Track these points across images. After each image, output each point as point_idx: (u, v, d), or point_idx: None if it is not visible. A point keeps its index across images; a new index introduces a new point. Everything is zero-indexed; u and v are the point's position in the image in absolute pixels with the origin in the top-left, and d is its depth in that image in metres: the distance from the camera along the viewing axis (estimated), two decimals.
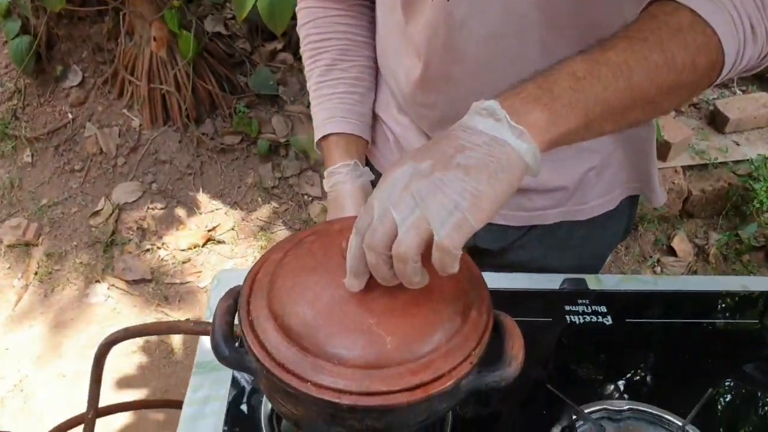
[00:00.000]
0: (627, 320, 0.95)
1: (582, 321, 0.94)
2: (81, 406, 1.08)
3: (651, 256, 2.29)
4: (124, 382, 1.97)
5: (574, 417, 0.80)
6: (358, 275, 0.59)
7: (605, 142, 0.94)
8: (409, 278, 0.55)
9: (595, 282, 1.03)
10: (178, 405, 0.91)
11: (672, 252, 2.31)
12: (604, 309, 0.96)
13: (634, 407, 0.82)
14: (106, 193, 2.46)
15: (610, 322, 0.94)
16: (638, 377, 0.89)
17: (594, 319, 0.94)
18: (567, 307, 0.95)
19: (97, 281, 2.26)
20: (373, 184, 1.09)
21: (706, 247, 2.31)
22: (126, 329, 1.00)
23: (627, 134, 0.94)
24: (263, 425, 0.81)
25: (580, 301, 0.97)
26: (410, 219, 0.52)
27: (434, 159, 0.54)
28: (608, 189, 0.99)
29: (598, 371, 0.89)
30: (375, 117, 1.03)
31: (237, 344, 0.68)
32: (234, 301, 0.71)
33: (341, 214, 0.92)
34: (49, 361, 2.01)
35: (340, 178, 0.93)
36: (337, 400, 0.61)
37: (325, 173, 0.95)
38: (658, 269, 2.22)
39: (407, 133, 0.97)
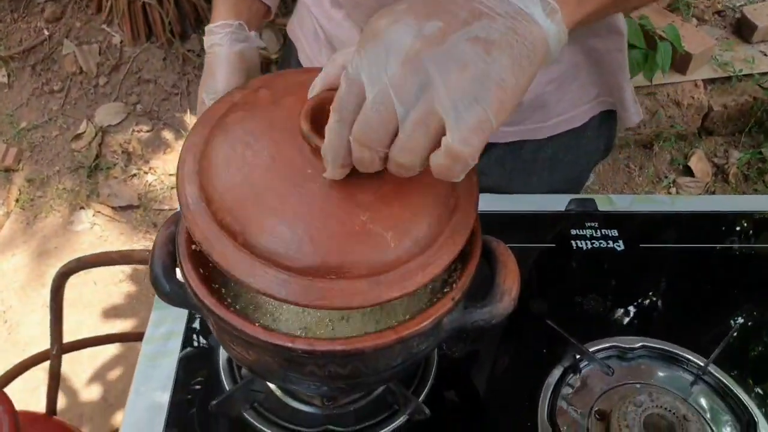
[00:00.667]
0: (640, 245, 0.84)
1: (590, 247, 0.83)
2: (66, 337, 1.00)
3: (666, 177, 2.17)
4: (111, 312, 1.90)
5: (577, 356, 0.70)
6: (344, 166, 0.45)
7: (565, 52, 0.78)
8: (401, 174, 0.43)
9: (606, 202, 0.91)
10: None
11: (689, 172, 2.18)
12: (615, 233, 0.84)
13: (648, 344, 0.72)
14: (88, 115, 2.33)
15: (622, 247, 0.83)
16: (652, 310, 0.78)
17: (603, 244, 0.83)
18: (573, 231, 0.84)
19: (82, 208, 2.16)
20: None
21: (726, 166, 2.17)
22: (78, 259, 0.90)
23: (593, 44, 0.79)
24: (221, 367, 0.71)
25: (588, 224, 0.85)
26: (417, 111, 0.39)
27: (443, 20, 0.39)
28: (573, 104, 0.85)
29: (607, 304, 0.78)
30: (305, 7, 0.89)
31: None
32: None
33: (213, 84, 0.79)
34: (33, 290, 1.94)
35: (217, 40, 0.79)
36: (290, 345, 0.51)
37: (206, 30, 0.82)
38: (674, 190, 2.10)
39: (340, 31, 0.83)
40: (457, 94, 0.38)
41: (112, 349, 1.74)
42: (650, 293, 0.79)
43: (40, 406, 1.12)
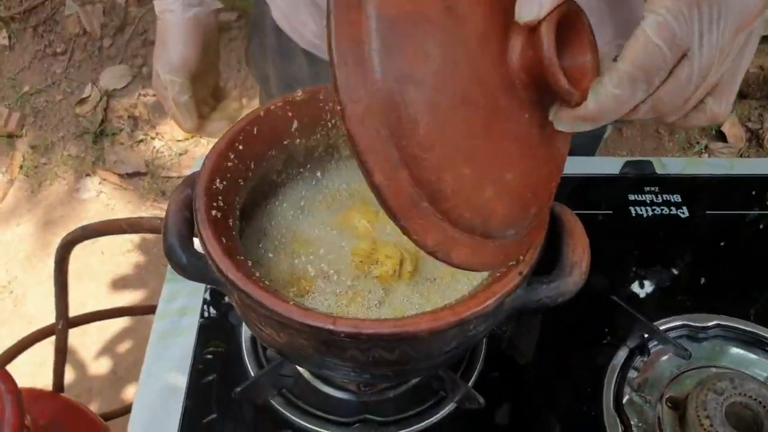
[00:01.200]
0: (707, 212, 0.75)
1: (651, 213, 0.74)
2: (73, 310, 0.93)
3: (698, 143, 2.06)
4: (120, 283, 1.83)
5: (645, 335, 0.61)
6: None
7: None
8: None
9: (657, 166, 0.82)
10: None
11: (721, 137, 2.07)
12: (677, 198, 0.76)
13: (723, 323, 0.63)
14: (92, 78, 2.24)
15: (686, 214, 0.74)
16: (726, 285, 0.70)
17: (666, 210, 0.74)
18: (631, 197, 0.75)
19: (88, 175, 2.08)
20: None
21: (760, 131, 2.07)
22: (83, 228, 0.82)
23: None
24: (244, 348, 0.63)
25: (647, 189, 0.76)
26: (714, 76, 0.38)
27: None
28: None
29: (674, 277, 0.69)
30: None
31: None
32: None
33: (166, 56, 0.71)
34: (39, 260, 1.87)
35: (168, 4, 0.70)
36: (331, 327, 0.43)
37: None
38: (706, 156, 2.00)
39: None
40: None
41: (121, 321, 1.67)
42: (723, 265, 0.71)
43: (47, 380, 1.05)
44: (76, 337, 1.67)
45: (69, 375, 1.63)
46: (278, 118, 0.56)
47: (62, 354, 1.01)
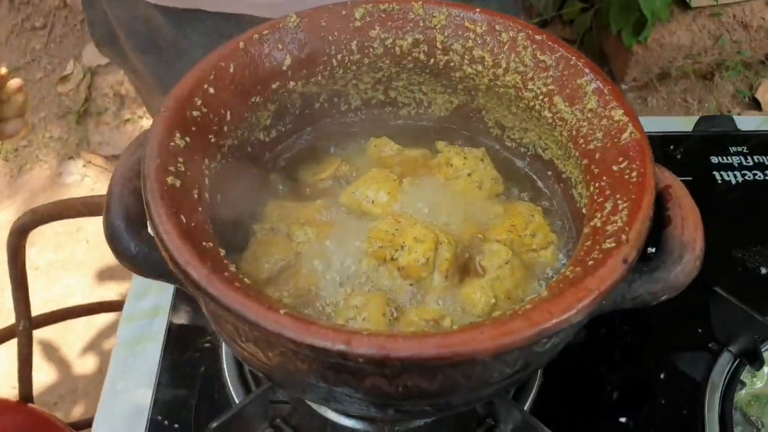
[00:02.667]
0: None
1: (741, 179, 0.59)
2: (56, 303, 0.79)
3: (729, 111, 1.90)
4: (106, 274, 1.69)
5: (756, 337, 0.46)
6: None
7: None
8: None
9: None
10: None
11: (755, 105, 1.91)
12: None
13: None
14: (74, 54, 2.09)
15: None
16: None
17: (759, 175, 0.59)
18: (714, 159, 0.60)
19: (71, 158, 1.95)
20: None
21: None
22: (33, 211, 0.68)
23: None
24: (224, 360, 0.48)
25: (732, 149, 0.61)
26: None
27: None
28: None
29: None
30: None
31: None
32: None
33: None
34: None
35: None
36: (342, 348, 0.28)
37: None
38: None
39: None
40: None
41: (110, 314, 1.54)
42: None
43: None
44: (60, 333, 1.53)
45: (52, 374, 1.50)
46: (263, 52, 0.41)
47: (26, 359, 0.87)
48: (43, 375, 1.49)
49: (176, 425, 0.50)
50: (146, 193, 0.33)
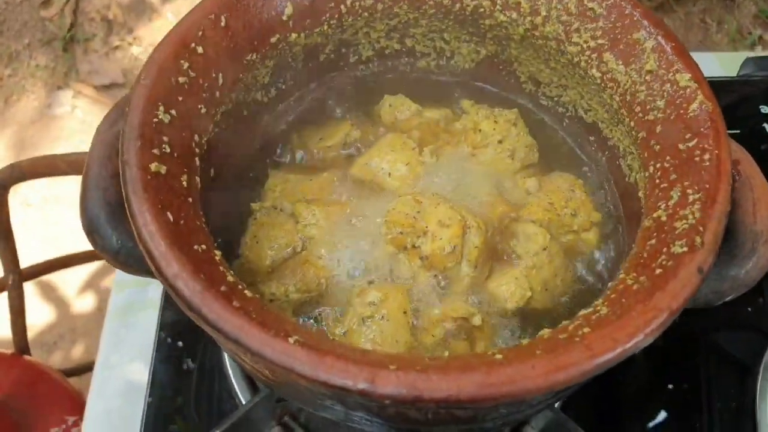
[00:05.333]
0: None
1: None
2: (53, 240, 0.75)
3: (750, 33, 1.81)
4: None
5: None
6: None
7: None
8: None
9: None
10: None
11: None
12: None
13: None
14: None
15: None
16: None
17: None
18: (763, 108, 0.54)
19: (60, 88, 1.87)
20: None
21: None
22: (12, 167, 0.63)
23: None
24: (227, 361, 0.44)
25: None
26: None
27: None
28: None
29: None
30: None
31: None
32: None
33: None
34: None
35: None
36: (365, 387, 0.23)
37: None
38: (759, 49, 1.75)
39: None
40: None
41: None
42: None
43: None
44: (56, 273, 1.50)
45: (50, 314, 1.48)
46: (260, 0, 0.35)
47: (18, 312, 0.84)
48: (42, 315, 1.47)
49: (180, 399, 0.46)
50: (126, 185, 0.28)
